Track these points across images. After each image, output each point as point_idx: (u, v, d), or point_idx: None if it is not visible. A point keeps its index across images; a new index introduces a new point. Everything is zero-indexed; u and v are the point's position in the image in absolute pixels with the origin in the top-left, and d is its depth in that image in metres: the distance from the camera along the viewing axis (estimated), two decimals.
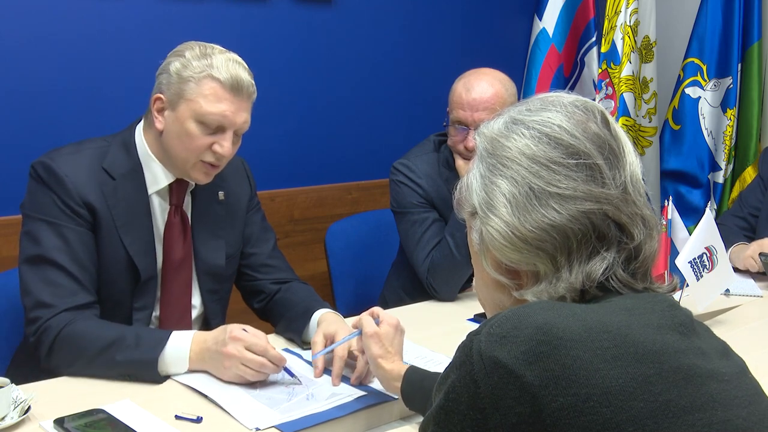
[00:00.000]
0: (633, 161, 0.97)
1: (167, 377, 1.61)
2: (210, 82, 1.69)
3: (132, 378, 1.60)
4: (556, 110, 0.97)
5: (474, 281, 1.06)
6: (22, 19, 2.45)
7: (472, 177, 1.00)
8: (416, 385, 1.42)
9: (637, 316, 0.88)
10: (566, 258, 0.91)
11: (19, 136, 2.46)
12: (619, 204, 0.92)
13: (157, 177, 1.80)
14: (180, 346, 1.61)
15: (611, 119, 0.99)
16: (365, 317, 1.57)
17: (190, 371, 1.62)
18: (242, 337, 1.56)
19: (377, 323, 1.55)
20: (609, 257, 0.91)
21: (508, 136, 0.97)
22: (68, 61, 2.54)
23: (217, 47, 1.77)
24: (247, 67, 1.78)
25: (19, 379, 1.55)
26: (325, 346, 1.67)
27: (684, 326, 0.90)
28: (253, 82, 1.77)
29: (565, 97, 1.00)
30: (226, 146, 1.73)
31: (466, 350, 0.85)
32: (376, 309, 1.60)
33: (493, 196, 0.95)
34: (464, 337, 0.88)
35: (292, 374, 1.59)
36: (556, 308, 0.86)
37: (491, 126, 1.01)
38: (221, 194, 1.92)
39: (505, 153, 0.96)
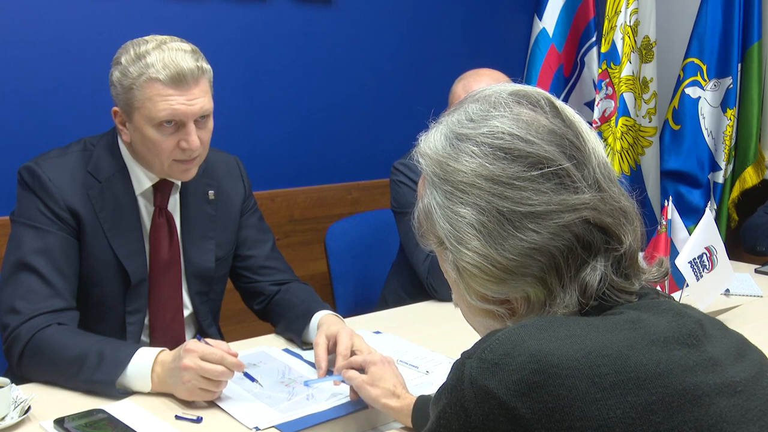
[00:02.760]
0: (594, 145, 0.89)
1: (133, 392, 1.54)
2: (151, 85, 1.63)
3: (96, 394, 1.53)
4: (501, 114, 0.88)
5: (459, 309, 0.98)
6: (22, 19, 2.45)
7: (428, 206, 0.90)
8: (426, 415, 1.36)
9: (642, 330, 0.82)
10: (556, 276, 0.85)
11: (18, 136, 2.46)
12: (597, 204, 0.85)
13: (140, 179, 1.78)
14: (142, 367, 1.52)
15: (559, 104, 0.91)
16: (344, 372, 1.51)
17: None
18: (196, 348, 1.48)
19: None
20: (600, 266, 0.85)
21: (458, 157, 0.87)
22: (67, 61, 2.54)
23: (153, 40, 1.67)
24: (190, 48, 1.68)
25: (19, 379, 1.55)
26: (328, 347, 1.66)
27: (692, 336, 0.84)
28: (200, 64, 1.67)
29: (502, 90, 0.91)
30: (191, 140, 1.68)
31: (458, 373, 0.81)
32: (355, 358, 1.55)
33: (459, 227, 0.87)
34: (464, 337, 0.86)
35: (252, 378, 1.53)
36: (554, 329, 0.81)
37: (432, 144, 0.91)
38: (211, 193, 1.90)
39: (459, 178, 0.87)
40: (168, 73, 1.62)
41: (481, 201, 0.85)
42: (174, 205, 1.85)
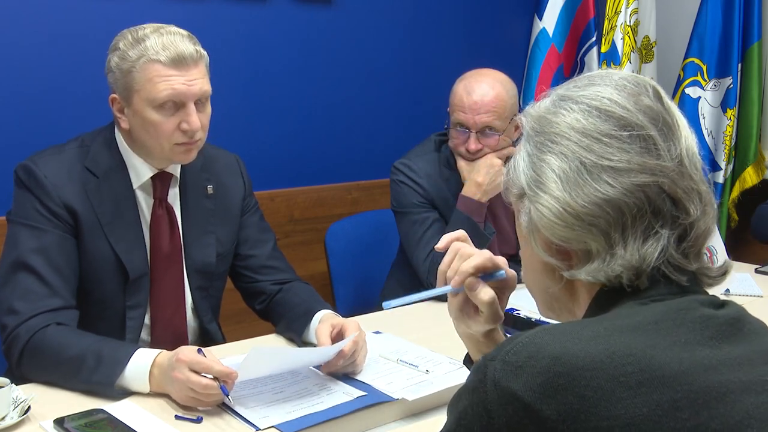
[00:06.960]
0: (688, 136, 0.93)
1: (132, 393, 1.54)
2: (151, 66, 1.65)
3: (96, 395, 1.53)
4: (605, 84, 0.94)
5: (522, 269, 1.05)
6: (21, 19, 2.45)
7: (518, 158, 0.96)
8: None
9: (664, 332, 0.83)
10: (620, 234, 0.87)
11: (16, 136, 2.46)
12: (675, 177, 0.88)
13: (139, 171, 1.78)
14: (140, 368, 1.52)
15: (664, 94, 0.96)
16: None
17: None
18: (185, 357, 1.46)
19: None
20: (664, 235, 0.87)
21: (556, 112, 0.93)
22: (67, 61, 2.54)
23: (150, 26, 1.71)
24: (187, 33, 1.72)
25: (19, 379, 1.55)
26: (332, 335, 1.67)
27: (715, 338, 0.84)
28: (198, 48, 1.70)
29: (614, 73, 0.98)
30: (192, 120, 1.68)
31: (480, 375, 0.81)
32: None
33: (542, 173, 0.92)
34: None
35: (226, 393, 1.46)
36: (577, 331, 0.82)
37: (538, 105, 0.98)
38: (210, 188, 1.90)
39: (553, 129, 0.92)
40: (168, 55, 1.65)
41: (567, 150, 0.90)
42: (174, 198, 1.85)
